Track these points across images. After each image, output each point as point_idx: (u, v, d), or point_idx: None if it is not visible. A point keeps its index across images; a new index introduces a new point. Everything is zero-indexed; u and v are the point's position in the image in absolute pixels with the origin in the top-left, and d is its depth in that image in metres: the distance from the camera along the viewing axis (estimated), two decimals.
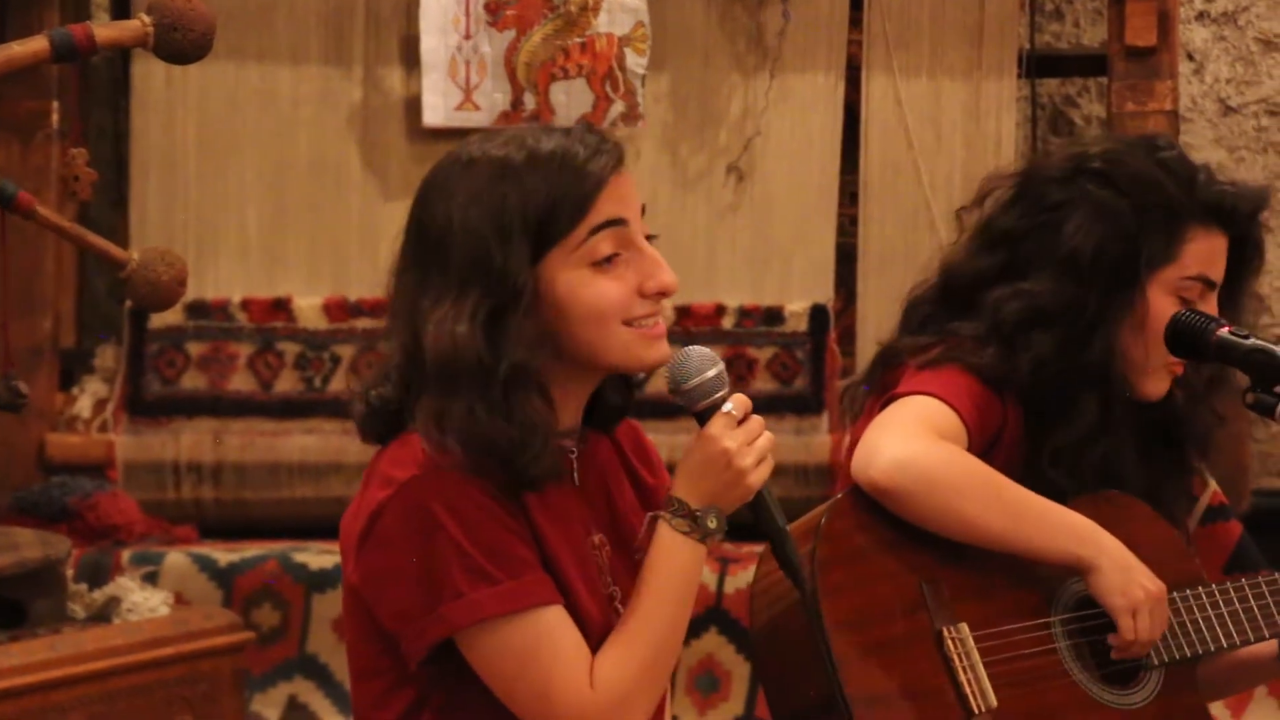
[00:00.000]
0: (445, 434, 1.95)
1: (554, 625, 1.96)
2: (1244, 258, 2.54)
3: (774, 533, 2.02)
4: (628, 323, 2.00)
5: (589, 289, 1.98)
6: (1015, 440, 2.47)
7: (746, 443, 1.98)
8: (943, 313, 2.53)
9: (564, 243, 1.97)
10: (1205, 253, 2.48)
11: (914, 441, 2.35)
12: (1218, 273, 2.49)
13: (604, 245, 1.98)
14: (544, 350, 1.97)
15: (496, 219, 1.96)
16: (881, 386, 2.51)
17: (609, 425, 2.12)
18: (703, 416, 2.00)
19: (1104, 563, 2.37)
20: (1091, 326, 2.45)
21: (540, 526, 1.99)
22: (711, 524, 1.98)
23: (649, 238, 2.04)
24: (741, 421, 1.99)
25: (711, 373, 2.00)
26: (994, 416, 2.45)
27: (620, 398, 2.11)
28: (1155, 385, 2.50)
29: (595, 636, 1.99)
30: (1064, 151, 2.57)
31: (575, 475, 2.05)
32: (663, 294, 2.01)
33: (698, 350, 2.01)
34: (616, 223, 1.99)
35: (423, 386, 1.97)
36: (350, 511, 2.02)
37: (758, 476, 1.99)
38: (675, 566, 1.98)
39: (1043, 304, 2.45)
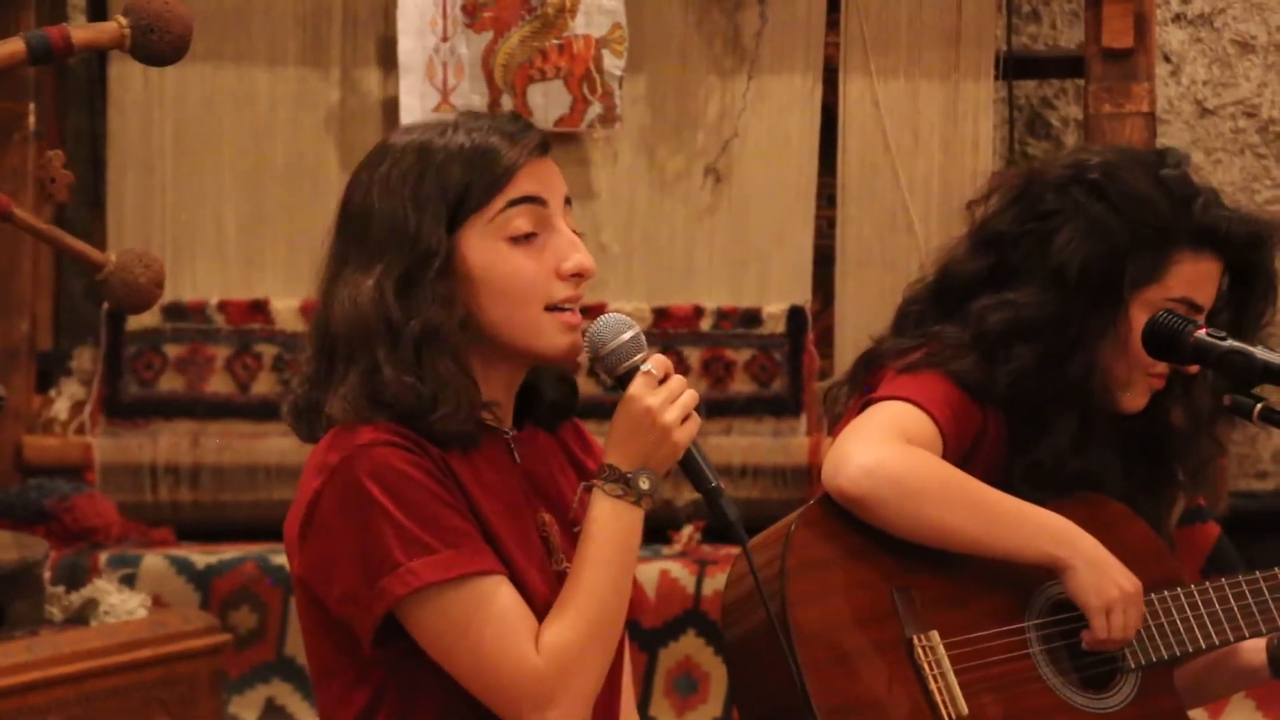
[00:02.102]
0: (354, 400, 1.97)
1: (495, 593, 1.96)
2: (1252, 287, 2.51)
3: (706, 490, 2.03)
4: (549, 308, 2.02)
5: (505, 262, 2.01)
6: (996, 449, 2.47)
7: (669, 400, 1.99)
8: (933, 312, 2.53)
9: (481, 213, 2.01)
10: (1192, 276, 2.47)
11: (881, 447, 2.34)
12: (1204, 297, 2.48)
13: (520, 220, 2.01)
14: (457, 315, 1.99)
15: (414, 190, 2.00)
16: (862, 389, 2.51)
17: (550, 422, 2.13)
18: (624, 381, 2.01)
19: (1079, 562, 2.37)
20: (1074, 342, 2.44)
21: (477, 501, 2.00)
22: (644, 485, 1.99)
23: (576, 234, 2.06)
24: (663, 381, 2.00)
25: (627, 335, 2.01)
26: (972, 424, 2.44)
27: (558, 394, 2.12)
28: (1134, 399, 2.50)
29: (540, 609, 1.99)
30: (1068, 157, 2.56)
31: (515, 455, 2.06)
32: (579, 275, 2.03)
33: (612, 316, 2.03)
34: (534, 200, 2.02)
35: (347, 360, 1.99)
36: (292, 509, 2.03)
37: (683, 433, 2.00)
38: (612, 531, 1.99)
39: (1026, 316, 2.44)
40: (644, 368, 2.00)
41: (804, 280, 4.17)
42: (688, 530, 3.98)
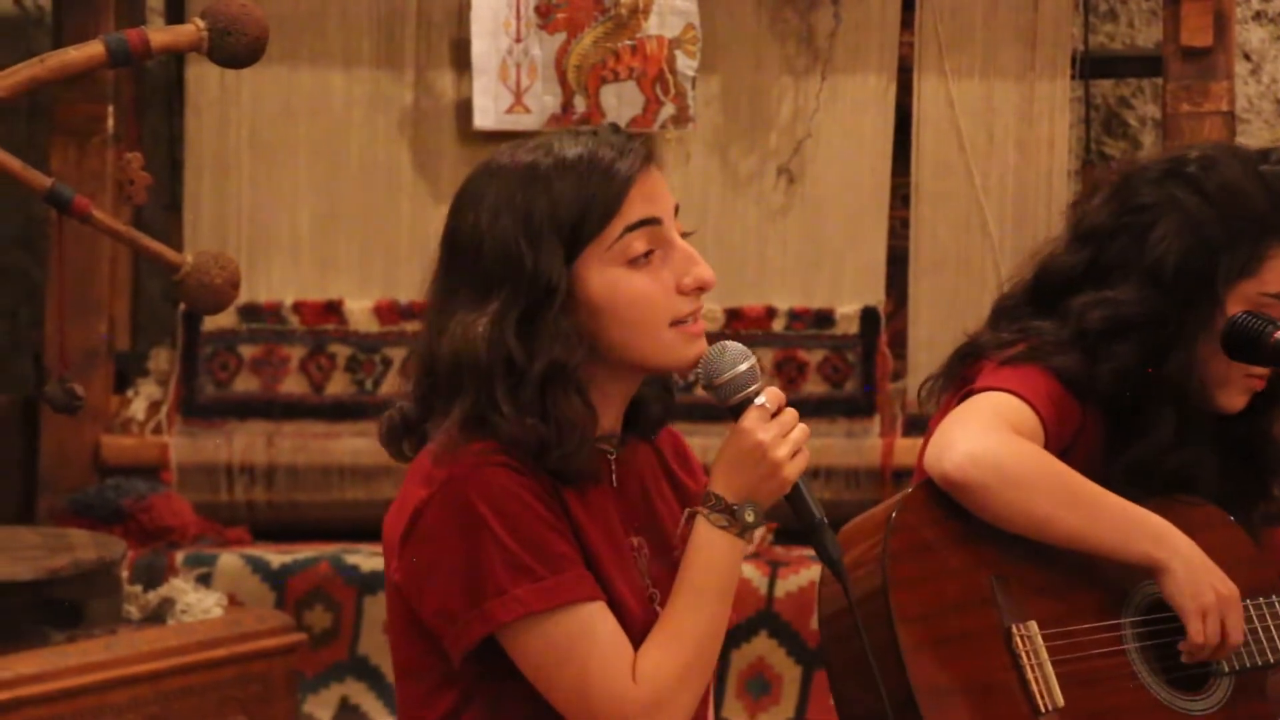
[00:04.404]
0: (472, 434, 1.95)
1: (596, 620, 1.96)
2: None
3: (812, 526, 2.02)
4: (673, 323, 2.00)
5: (627, 288, 1.99)
6: (1094, 446, 2.45)
7: (781, 435, 1.98)
8: (1030, 307, 2.51)
9: (597, 242, 1.98)
10: None
11: (988, 436, 2.34)
12: None
13: (638, 244, 1.99)
14: (582, 350, 1.97)
15: (526, 222, 1.97)
16: (960, 381, 2.50)
17: (650, 432, 2.13)
18: (736, 410, 2.01)
19: (1176, 564, 2.36)
20: (1172, 339, 2.43)
21: (581, 523, 2.00)
22: (749, 518, 1.99)
23: (685, 235, 2.04)
24: (775, 414, 1.99)
25: (744, 366, 2.00)
26: (1072, 419, 2.43)
27: (661, 405, 2.11)
28: (1232, 398, 2.48)
29: (637, 633, 1.99)
30: (1169, 152, 2.55)
31: (614, 477, 2.06)
32: (701, 289, 2.01)
33: (730, 345, 2.02)
34: (650, 221, 2.00)
35: (449, 393, 1.97)
36: (393, 510, 2.02)
37: (793, 468, 1.99)
38: (714, 561, 1.99)
39: (1126, 314, 2.43)
40: (758, 400, 1.99)
41: (877, 281, 4.15)
42: (760, 531, 3.97)
